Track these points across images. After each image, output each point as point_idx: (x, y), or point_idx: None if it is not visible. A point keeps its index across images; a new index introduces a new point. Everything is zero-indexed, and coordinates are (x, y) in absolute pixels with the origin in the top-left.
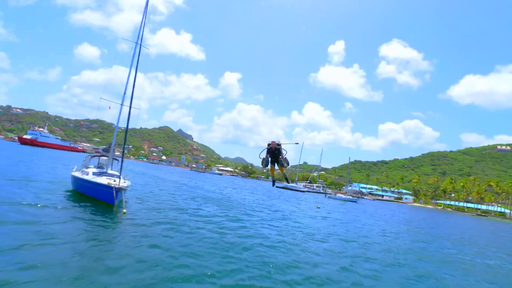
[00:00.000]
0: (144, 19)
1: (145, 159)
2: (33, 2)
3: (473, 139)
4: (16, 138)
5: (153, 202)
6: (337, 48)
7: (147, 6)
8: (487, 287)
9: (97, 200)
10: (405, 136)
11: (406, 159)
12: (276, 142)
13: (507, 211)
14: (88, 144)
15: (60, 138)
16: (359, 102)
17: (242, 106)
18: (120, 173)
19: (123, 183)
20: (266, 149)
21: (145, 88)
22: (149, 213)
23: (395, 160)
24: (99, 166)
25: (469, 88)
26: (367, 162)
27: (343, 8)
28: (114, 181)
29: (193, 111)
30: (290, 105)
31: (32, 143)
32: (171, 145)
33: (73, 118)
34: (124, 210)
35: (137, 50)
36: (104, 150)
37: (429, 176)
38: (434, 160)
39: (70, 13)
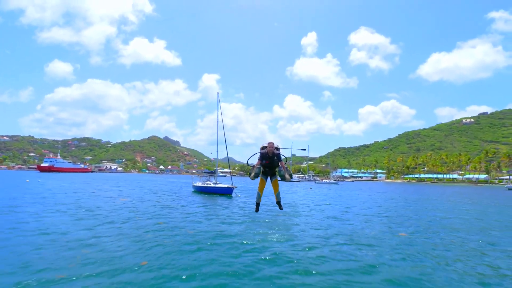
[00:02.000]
0: (218, 111)
1: (147, 171)
2: None
3: (447, 113)
4: (17, 167)
5: (244, 192)
6: (310, 39)
7: (218, 99)
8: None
9: (219, 194)
10: (384, 117)
11: (385, 140)
12: (275, 145)
13: (457, 176)
14: (86, 164)
15: (72, 162)
16: (336, 90)
17: (223, 106)
18: (232, 182)
19: (234, 186)
20: (259, 154)
21: (124, 99)
22: (248, 195)
23: (376, 142)
24: (209, 180)
25: (436, 65)
26: (351, 147)
27: (311, 0)
28: (231, 184)
29: (175, 117)
30: (271, 100)
31: (50, 169)
32: (162, 154)
33: (60, 138)
34: (239, 195)
35: (220, 132)
36: (209, 172)
37: (405, 154)
38: (409, 139)
39: (37, 32)
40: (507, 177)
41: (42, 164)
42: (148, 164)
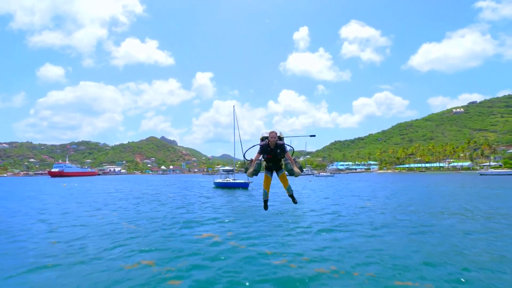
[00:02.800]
0: (235, 121)
1: (150, 172)
2: None
3: (439, 102)
4: (23, 173)
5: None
6: (302, 34)
7: (234, 112)
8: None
9: (237, 188)
10: (378, 108)
11: (378, 132)
12: (278, 134)
13: (443, 165)
14: (93, 168)
15: (80, 166)
16: (330, 84)
17: (218, 103)
18: (247, 178)
19: (250, 181)
20: (258, 147)
21: (118, 100)
22: (259, 187)
23: (370, 135)
24: (228, 177)
25: (427, 55)
26: (346, 140)
27: None
28: (248, 179)
29: (170, 116)
30: (265, 96)
31: (61, 174)
32: (162, 154)
33: (57, 143)
34: (254, 187)
35: (237, 132)
36: (227, 171)
37: (398, 145)
38: (402, 130)
39: (27, 36)
40: (487, 163)
41: (53, 170)
42: (149, 165)
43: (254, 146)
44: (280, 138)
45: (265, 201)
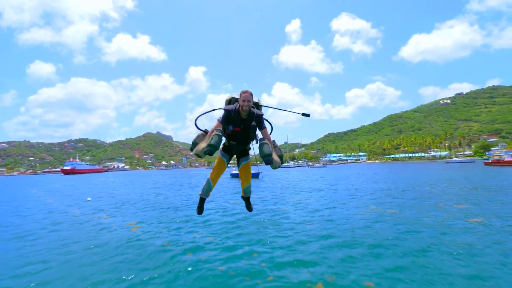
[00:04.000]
0: None
1: (154, 167)
2: None
3: (431, 92)
4: (30, 172)
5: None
6: (294, 26)
7: None
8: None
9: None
10: (371, 99)
11: (370, 124)
12: (254, 100)
13: (424, 154)
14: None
15: (89, 164)
16: (322, 76)
17: (212, 97)
18: (258, 168)
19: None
20: (223, 113)
21: (111, 96)
22: (271, 178)
23: (362, 127)
24: None
25: (417, 46)
26: (339, 132)
27: None
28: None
29: (164, 111)
30: (259, 89)
31: (73, 172)
32: (159, 150)
33: (55, 141)
34: (261, 176)
35: None
36: None
37: (389, 136)
38: (392, 121)
39: (17, 34)
40: (461, 153)
41: (65, 167)
42: (148, 161)
43: (214, 110)
44: (258, 106)
45: (202, 200)
